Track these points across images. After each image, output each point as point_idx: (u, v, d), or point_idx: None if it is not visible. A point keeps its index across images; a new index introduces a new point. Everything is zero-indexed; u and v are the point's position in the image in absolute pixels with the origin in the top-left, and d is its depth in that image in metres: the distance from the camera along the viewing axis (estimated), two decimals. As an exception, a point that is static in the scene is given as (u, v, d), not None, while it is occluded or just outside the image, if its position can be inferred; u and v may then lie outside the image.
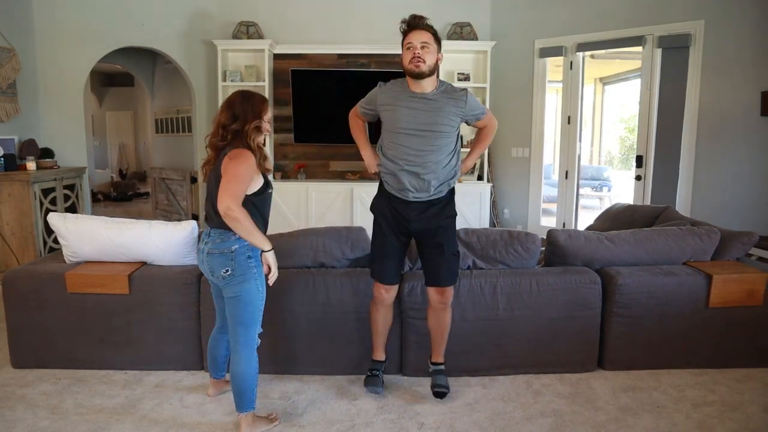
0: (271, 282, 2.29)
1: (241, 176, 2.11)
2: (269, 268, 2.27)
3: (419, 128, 2.42)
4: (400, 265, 2.63)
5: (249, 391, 2.27)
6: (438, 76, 2.51)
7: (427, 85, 2.43)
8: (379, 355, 2.72)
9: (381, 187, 2.62)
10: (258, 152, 2.20)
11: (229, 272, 2.19)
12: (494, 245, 2.86)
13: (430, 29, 2.41)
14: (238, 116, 2.19)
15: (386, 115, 2.50)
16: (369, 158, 2.65)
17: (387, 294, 2.58)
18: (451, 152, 2.49)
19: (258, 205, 2.24)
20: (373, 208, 2.63)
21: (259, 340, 2.32)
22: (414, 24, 2.40)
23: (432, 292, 2.57)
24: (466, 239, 2.88)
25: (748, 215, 4.57)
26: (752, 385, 2.76)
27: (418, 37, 2.37)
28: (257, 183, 2.22)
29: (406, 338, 2.80)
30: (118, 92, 12.40)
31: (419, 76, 2.38)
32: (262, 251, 2.23)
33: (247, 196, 2.16)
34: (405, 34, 2.42)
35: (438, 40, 2.43)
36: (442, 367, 2.69)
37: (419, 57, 2.35)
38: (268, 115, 2.28)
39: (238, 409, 2.29)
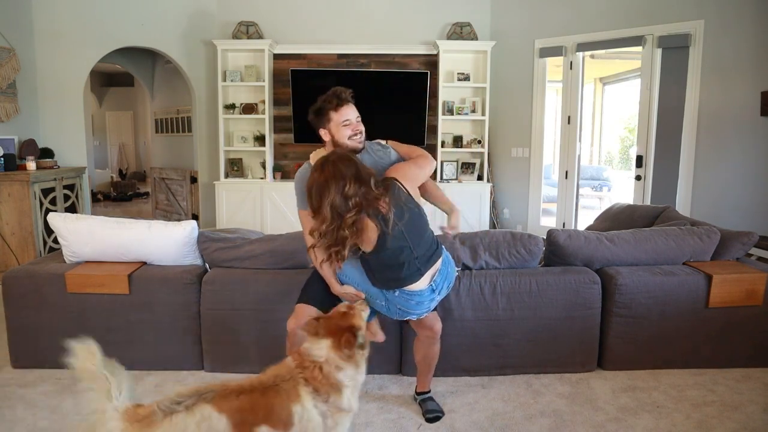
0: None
1: None
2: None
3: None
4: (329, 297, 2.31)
5: None
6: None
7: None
8: None
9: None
10: None
11: None
12: (497, 247, 2.86)
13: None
14: None
15: None
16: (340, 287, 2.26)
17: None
18: None
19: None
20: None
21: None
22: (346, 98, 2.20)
23: (416, 326, 2.37)
24: (469, 241, 2.88)
25: (748, 215, 4.57)
26: (752, 385, 2.76)
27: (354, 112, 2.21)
28: None
29: (405, 338, 2.80)
30: (118, 92, 12.40)
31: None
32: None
33: None
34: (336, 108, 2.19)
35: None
36: (430, 394, 2.58)
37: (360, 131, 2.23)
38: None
39: None
